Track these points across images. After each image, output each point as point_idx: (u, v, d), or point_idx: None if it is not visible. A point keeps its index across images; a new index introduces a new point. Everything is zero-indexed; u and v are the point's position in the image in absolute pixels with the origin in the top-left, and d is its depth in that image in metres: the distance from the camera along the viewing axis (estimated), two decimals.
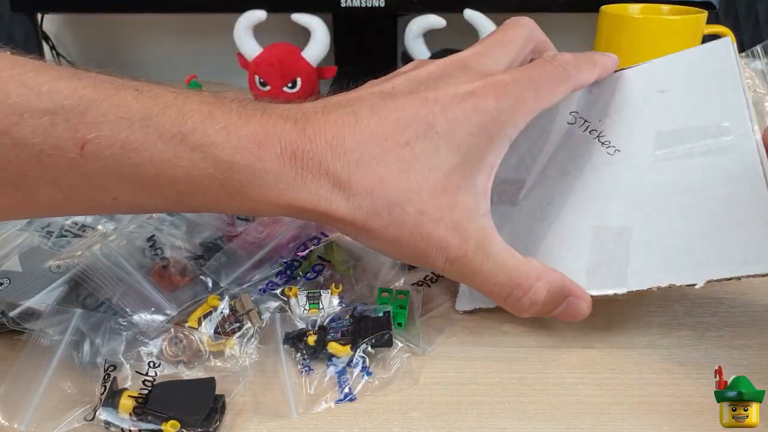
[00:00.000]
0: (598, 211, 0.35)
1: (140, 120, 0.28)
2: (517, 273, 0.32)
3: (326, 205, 0.30)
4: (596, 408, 0.31)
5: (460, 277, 0.32)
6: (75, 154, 0.27)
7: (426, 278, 0.41)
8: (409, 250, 0.31)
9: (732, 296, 0.40)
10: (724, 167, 0.33)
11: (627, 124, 0.37)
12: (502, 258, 0.31)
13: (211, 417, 0.30)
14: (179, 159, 0.28)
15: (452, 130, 0.31)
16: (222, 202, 0.30)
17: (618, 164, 0.36)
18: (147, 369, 0.32)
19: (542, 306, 0.32)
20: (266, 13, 0.67)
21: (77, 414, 0.30)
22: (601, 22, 0.62)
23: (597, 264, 0.34)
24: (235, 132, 0.29)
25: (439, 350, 0.35)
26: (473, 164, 0.31)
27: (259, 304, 0.36)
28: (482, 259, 0.31)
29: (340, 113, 0.31)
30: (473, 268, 0.31)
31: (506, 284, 0.32)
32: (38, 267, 0.37)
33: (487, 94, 0.31)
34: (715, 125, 0.34)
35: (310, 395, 0.32)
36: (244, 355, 0.34)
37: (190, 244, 0.39)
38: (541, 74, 0.34)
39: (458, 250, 0.31)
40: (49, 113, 0.26)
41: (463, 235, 0.31)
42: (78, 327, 0.33)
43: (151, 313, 0.35)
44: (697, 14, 0.60)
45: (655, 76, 0.38)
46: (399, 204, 0.30)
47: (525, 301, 0.32)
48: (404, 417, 0.31)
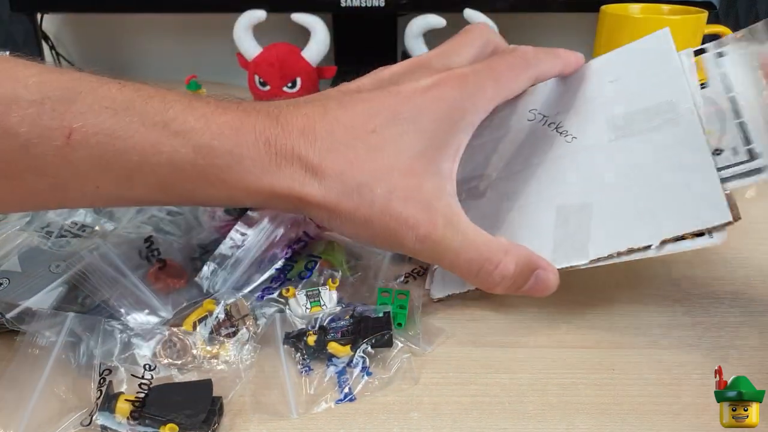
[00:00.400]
0: (560, 192, 0.37)
1: (124, 110, 0.29)
2: (486, 248, 0.33)
3: (300, 189, 0.31)
4: (596, 408, 0.31)
5: (431, 255, 0.33)
6: (62, 143, 0.28)
7: (414, 271, 0.41)
8: (381, 230, 0.32)
9: (732, 296, 0.40)
10: (672, 140, 0.35)
11: (582, 114, 0.39)
12: (471, 234, 0.33)
13: (209, 419, 0.29)
14: (161, 145, 0.29)
15: (416, 117, 0.32)
16: (202, 190, 0.31)
17: (575, 149, 0.38)
18: (143, 372, 0.32)
19: (512, 279, 0.33)
20: (266, 13, 0.67)
21: (73, 419, 0.30)
22: (601, 22, 0.62)
23: (562, 240, 0.36)
24: (213, 119, 0.30)
25: (439, 350, 0.35)
26: (438, 148, 0.33)
27: (255, 310, 0.36)
28: (451, 236, 0.32)
29: (311, 106, 0.33)
30: (444, 246, 0.32)
31: (476, 259, 0.33)
32: (38, 267, 0.37)
33: (448, 84, 0.33)
34: (661, 103, 0.36)
35: (309, 395, 0.32)
36: (238, 361, 0.34)
37: (188, 245, 0.39)
38: (501, 64, 0.36)
39: (427, 227, 0.31)
40: (36, 104, 0.27)
41: (432, 213, 0.32)
42: (73, 329, 0.33)
43: (146, 316, 0.35)
44: (698, 14, 0.60)
45: (605, 68, 0.40)
46: (368, 185, 0.31)
47: (496, 275, 0.33)
48: (404, 417, 0.31)
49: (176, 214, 0.42)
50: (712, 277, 0.42)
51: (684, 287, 0.41)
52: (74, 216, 0.42)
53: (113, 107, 0.29)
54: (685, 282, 0.41)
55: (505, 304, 0.39)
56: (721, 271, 0.42)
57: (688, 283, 0.41)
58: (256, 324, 0.35)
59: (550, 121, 0.40)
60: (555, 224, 0.36)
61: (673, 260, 0.43)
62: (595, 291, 0.40)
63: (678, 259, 0.44)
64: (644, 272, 0.42)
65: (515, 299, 0.39)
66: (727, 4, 0.78)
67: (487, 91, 0.34)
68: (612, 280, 0.41)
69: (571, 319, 0.38)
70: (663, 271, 0.42)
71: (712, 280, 0.41)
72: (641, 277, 0.41)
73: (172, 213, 0.42)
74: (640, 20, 0.61)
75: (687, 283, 0.41)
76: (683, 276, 0.42)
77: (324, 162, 0.31)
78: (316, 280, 0.38)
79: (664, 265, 0.43)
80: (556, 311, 0.38)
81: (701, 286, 0.41)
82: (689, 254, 0.44)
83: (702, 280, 0.41)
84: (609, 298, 0.39)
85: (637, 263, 0.43)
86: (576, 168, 0.38)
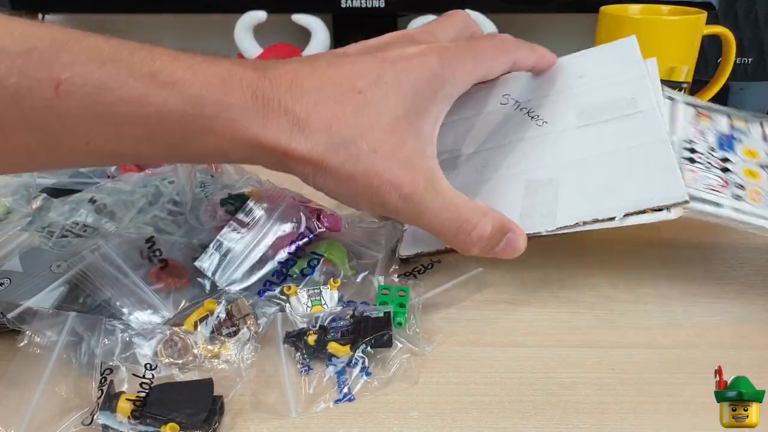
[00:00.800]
0: (529, 168, 0.40)
1: (111, 61, 0.29)
2: (465, 209, 0.34)
3: (286, 143, 0.31)
4: (596, 408, 0.31)
5: (412, 215, 0.34)
6: (50, 95, 0.28)
7: (414, 269, 0.41)
8: (364, 188, 0.32)
9: (732, 296, 0.40)
10: (634, 126, 0.39)
11: (552, 101, 0.42)
12: (451, 196, 0.34)
13: (210, 419, 0.29)
14: (150, 96, 0.29)
15: (400, 81, 0.33)
16: (190, 141, 0.31)
17: (546, 132, 0.41)
18: (144, 371, 0.32)
19: (488, 241, 0.34)
20: (266, 13, 0.67)
21: (74, 419, 0.30)
22: (600, 23, 0.62)
23: (530, 209, 0.38)
24: (201, 71, 0.30)
25: (439, 350, 0.35)
26: (419, 113, 0.34)
27: (255, 309, 0.36)
28: (432, 196, 0.33)
29: (299, 64, 0.33)
30: (425, 205, 0.33)
31: (455, 219, 0.34)
32: (39, 267, 0.37)
33: (431, 54, 0.35)
34: (625, 98, 0.40)
35: (309, 395, 0.32)
36: (239, 360, 0.34)
37: (189, 245, 0.39)
38: (482, 44, 0.38)
39: (410, 186, 0.32)
40: (24, 54, 0.27)
41: (414, 173, 0.33)
42: (74, 329, 0.33)
43: (147, 315, 0.35)
44: (697, 15, 0.60)
45: (575, 64, 0.43)
46: (354, 141, 0.32)
47: (474, 235, 0.34)
48: (404, 416, 0.31)
49: (177, 214, 0.42)
50: (712, 277, 0.42)
51: (683, 287, 0.41)
52: (75, 216, 0.42)
53: (100, 58, 0.29)
54: (685, 282, 0.41)
55: (505, 304, 0.39)
56: (721, 271, 0.43)
57: (688, 282, 0.41)
58: (256, 323, 0.35)
59: (522, 106, 0.43)
60: (524, 196, 0.39)
61: (673, 260, 0.43)
62: (595, 291, 0.40)
63: (678, 260, 0.44)
64: (644, 272, 0.42)
65: (515, 297, 0.39)
66: (727, 4, 0.78)
67: (467, 66, 0.36)
68: (612, 280, 0.41)
69: (570, 319, 0.38)
70: (663, 271, 0.42)
71: (712, 280, 0.41)
72: (641, 277, 0.42)
73: (173, 213, 0.42)
74: (640, 21, 0.61)
75: (687, 282, 0.41)
76: (683, 276, 0.42)
77: (311, 116, 0.31)
78: (318, 279, 0.39)
79: (664, 265, 0.43)
80: (556, 311, 0.38)
81: (701, 285, 0.41)
82: (689, 254, 0.44)
83: (702, 280, 0.41)
84: (609, 298, 0.39)
85: (637, 263, 0.43)
86: (545, 148, 0.40)
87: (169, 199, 0.43)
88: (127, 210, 0.43)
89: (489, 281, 0.41)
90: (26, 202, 0.44)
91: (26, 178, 0.47)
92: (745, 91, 0.76)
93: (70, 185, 0.49)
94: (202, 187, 0.45)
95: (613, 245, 0.45)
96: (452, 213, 0.34)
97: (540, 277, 0.42)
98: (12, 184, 0.46)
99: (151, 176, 0.46)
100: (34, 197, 0.44)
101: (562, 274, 0.42)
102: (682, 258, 0.44)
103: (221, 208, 0.42)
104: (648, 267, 0.43)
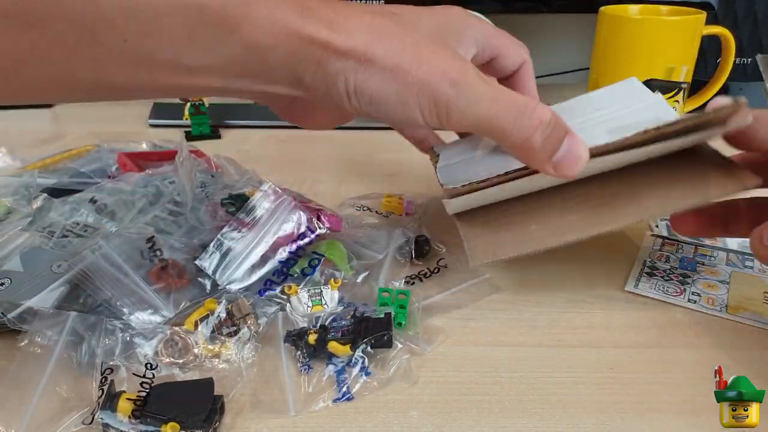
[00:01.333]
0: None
1: None
2: (520, 95, 0.32)
3: (327, 35, 0.30)
4: (596, 408, 0.31)
5: (467, 104, 0.32)
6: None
7: (420, 273, 0.41)
8: (413, 79, 0.31)
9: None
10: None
11: (580, 128, 0.37)
12: (501, 86, 0.33)
13: (210, 418, 0.30)
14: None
15: (431, 19, 0.36)
16: (231, 36, 0.29)
17: None
18: (144, 371, 0.32)
19: (550, 128, 0.32)
20: None
21: (75, 418, 0.30)
22: (600, 23, 0.63)
23: None
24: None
25: (439, 349, 0.35)
26: (452, 37, 0.36)
27: (256, 308, 0.36)
28: (483, 82, 0.32)
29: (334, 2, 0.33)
30: (479, 91, 0.31)
31: (514, 102, 0.32)
32: (39, 267, 0.37)
33: (454, 8, 0.37)
34: (650, 119, 0.36)
35: (308, 393, 0.32)
36: (239, 360, 0.34)
37: (189, 245, 0.39)
38: (511, 100, 0.33)
39: (459, 72, 0.31)
40: None
41: (461, 61, 0.32)
42: (74, 328, 0.33)
43: (147, 315, 0.35)
44: (696, 15, 0.60)
45: (587, 102, 0.42)
46: (397, 36, 0.31)
47: (535, 117, 0.32)
48: (404, 416, 0.31)
49: (178, 214, 0.42)
50: (711, 276, 0.42)
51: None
52: (76, 216, 0.42)
53: None
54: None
55: (504, 304, 0.39)
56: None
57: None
58: (257, 323, 0.35)
59: None
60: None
61: None
62: (595, 290, 0.40)
63: None
64: None
65: (514, 297, 0.39)
66: (726, 4, 0.78)
67: (486, 26, 0.38)
68: (612, 280, 0.41)
69: (570, 319, 0.38)
70: None
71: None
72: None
73: (174, 213, 0.42)
74: (639, 21, 0.62)
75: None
76: None
77: (349, 20, 0.31)
78: (318, 279, 0.39)
79: None
80: (556, 311, 0.38)
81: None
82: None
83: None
84: (609, 298, 0.40)
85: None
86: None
87: (169, 199, 0.43)
88: (128, 210, 0.43)
89: (489, 281, 0.41)
90: (27, 202, 0.44)
91: (27, 178, 0.47)
92: (744, 91, 0.77)
93: (70, 185, 0.49)
94: (202, 187, 0.45)
95: (614, 245, 0.45)
96: (509, 97, 0.32)
97: (540, 277, 0.42)
98: (13, 184, 0.46)
99: (151, 176, 0.46)
100: (35, 197, 0.44)
101: (562, 274, 0.42)
102: None
103: (222, 208, 0.42)
104: None
